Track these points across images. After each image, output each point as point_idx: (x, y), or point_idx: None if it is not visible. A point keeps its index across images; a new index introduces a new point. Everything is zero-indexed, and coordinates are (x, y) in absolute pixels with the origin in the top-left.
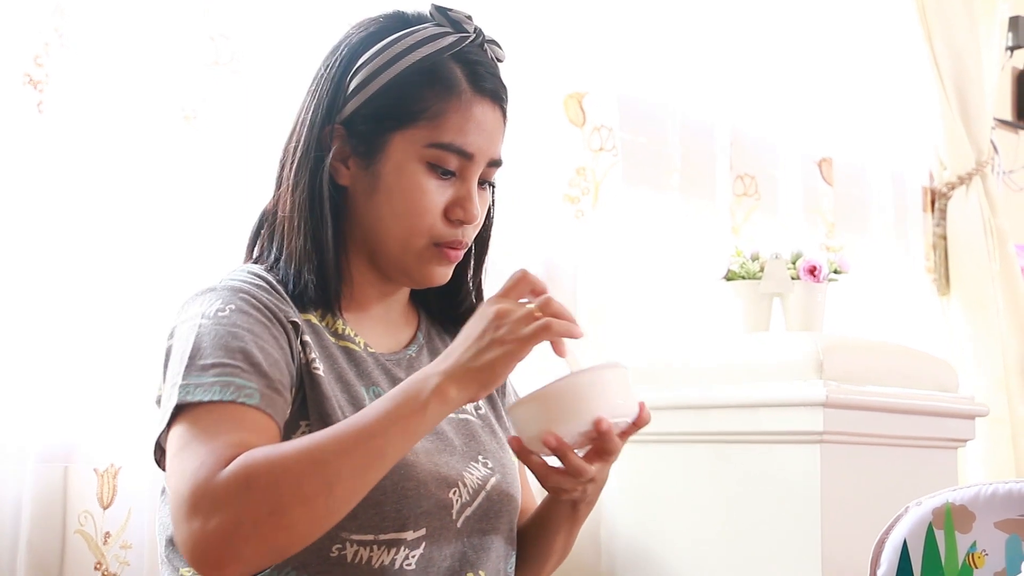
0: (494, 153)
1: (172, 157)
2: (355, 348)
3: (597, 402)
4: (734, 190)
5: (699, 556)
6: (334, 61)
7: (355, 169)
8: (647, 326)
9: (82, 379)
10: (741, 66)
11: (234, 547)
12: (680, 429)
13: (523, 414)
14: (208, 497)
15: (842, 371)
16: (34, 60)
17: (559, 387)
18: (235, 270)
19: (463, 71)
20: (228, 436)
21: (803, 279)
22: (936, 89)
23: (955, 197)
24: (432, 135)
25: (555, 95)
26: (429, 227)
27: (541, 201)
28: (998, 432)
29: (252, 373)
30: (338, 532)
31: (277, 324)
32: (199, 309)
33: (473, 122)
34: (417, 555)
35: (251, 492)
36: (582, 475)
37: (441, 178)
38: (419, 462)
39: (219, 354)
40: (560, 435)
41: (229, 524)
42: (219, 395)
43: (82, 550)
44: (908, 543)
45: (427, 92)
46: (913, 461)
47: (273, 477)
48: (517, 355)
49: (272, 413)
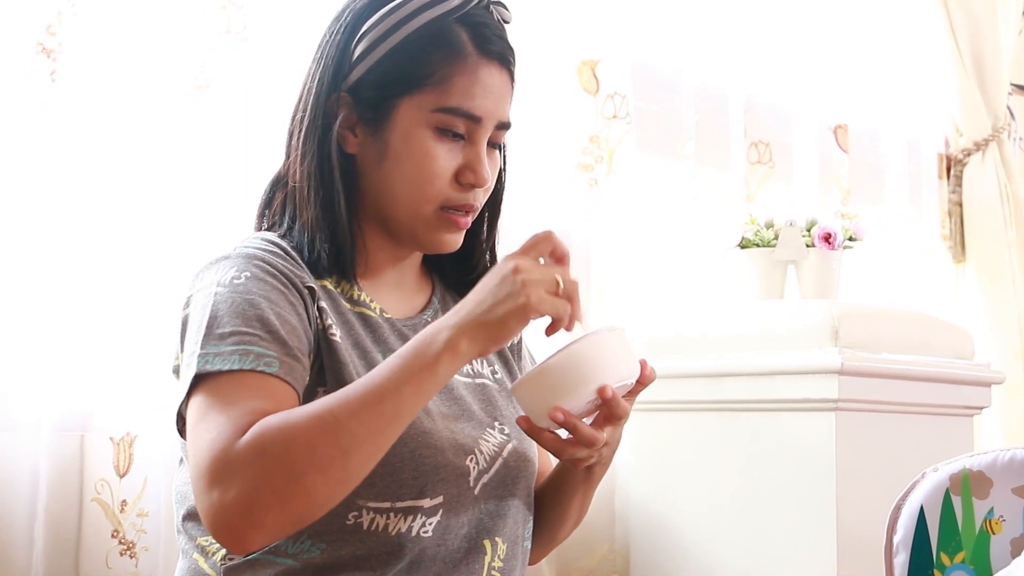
0: (502, 115)
1: (185, 126)
2: (371, 314)
3: (599, 370)
4: (748, 158)
5: (714, 524)
6: (338, 28)
7: (363, 136)
8: (661, 294)
9: (98, 348)
10: (755, 32)
11: (255, 516)
12: (695, 397)
13: (527, 393)
14: (226, 467)
15: (857, 339)
16: (47, 29)
17: (558, 361)
18: (248, 238)
19: (468, 34)
20: (246, 404)
21: (818, 246)
22: (952, 54)
23: (971, 163)
24: (439, 99)
25: (568, 62)
26: (439, 192)
27: (555, 169)
28: (1014, 399)
29: (270, 341)
30: (354, 499)
31: (293, 290)
32: (214, 277)
33: (480, 85)
34: (434, 522)
35: (266, 460)
36: (595, 444)
37: (450, 142)
38: (436, 429)
39: (236, 322)
40: (567, 409)
41: (248, 493)
42: (238, 364)
43: (99, 518)
44: (925, 509)
45: (433, 56)
46: (928, 429)
47: (285, 444)
48: (530, 314)
49: (292, 380)
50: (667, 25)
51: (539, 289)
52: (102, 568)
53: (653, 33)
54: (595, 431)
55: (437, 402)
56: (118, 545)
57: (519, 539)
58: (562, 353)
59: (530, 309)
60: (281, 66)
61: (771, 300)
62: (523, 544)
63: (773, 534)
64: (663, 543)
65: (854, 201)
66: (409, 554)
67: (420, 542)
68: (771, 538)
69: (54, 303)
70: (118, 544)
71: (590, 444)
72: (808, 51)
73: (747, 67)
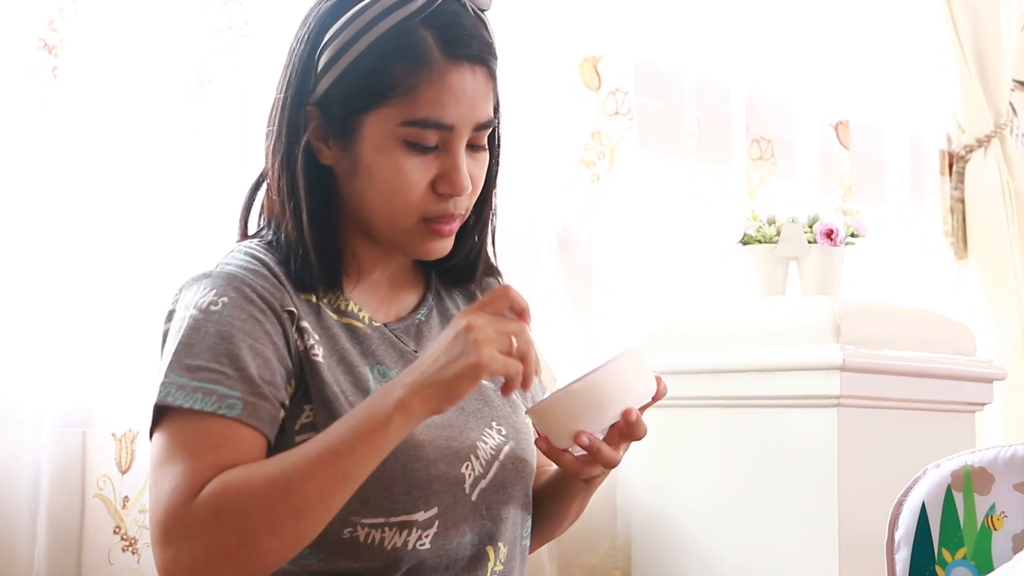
0: (478, 117)
1: (186, 123)
2: (358, 325)
3: (623, 393)
4: (750, 154)
5: (715, 520)
6: (303, 36)
7: (336, 150)
8: (663, 290)
9: (100, 344)
10: (757, 28)
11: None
12: (697, 393)
13: (551, 415)
14: (180, 526)
15: (859, 335)
16: (49, 25)
17: (585, 386)
18: (233, 251)
19: (435, 37)
20: (204, 457)
21: (820, 243)
22: (954, 50)
23: (973, 160)
24: (406, 112)
25: (570, 59)
26: (415, 204)
27: (556, 166)
28: (1016, 396)
29: (237, 379)
30: (348, 516)
31: (271, 315)
32: (192, 298)
33: (449, 92)
34: (431, 534)
35: (220, 523)
36: (614, 464)
37: (422, 154)
38: (428, 441)
39: (206, 356)
40: (591, 431)
41: (201, 554)
42: (200, 404)
43: (101, 514)
44: (927, 505)
45: (396, 67)
46: (930, 425)
47: (243, 507)
48: (480, 373)
49: (256, 423)
50: (669, 21)
51: (491, 348)
52: (104, 564)
53: (655, 29)
54: (615, 452)
55: None
56: (120, 541)
57: (518, 539)
58: (588, 379)
59: (481, 368)
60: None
61: (773, 296)
62: (522, 544)
63: (775, 530)
64: (665, 539)
65: (855, 198)
66: (406, 566)
67: (417, 555)
68: (773, 534)
69: (56, 299)
70: (120, 540)
71: (610, 465)
72: (810, 47)
73: (749, 63)
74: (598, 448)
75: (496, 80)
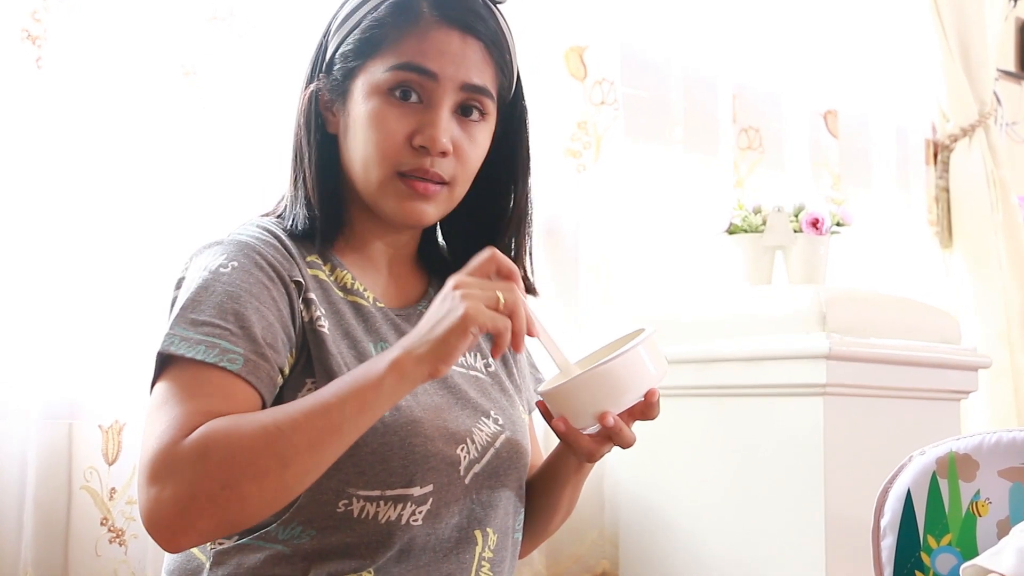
0: (464, 77)
1: (172, 113)
2: (363, 303)
3: (648, 374)
4: (738, 143)
5: (702, 508)
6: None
7: (337, 115)
8: (649, 280)
9: (86, 336)
10: (744, 18)
11: (188, 518)
12: (683, 383)
13: (575, 397)
14: (167, 466)
15: (845, 323)
16: (32, 16)
17: (615, 366)
18: (246, 223)
19: (429, 2)
20: (199, 402)
21: (806, 232)
22: (939, 40)
23: (958, 149)
24: (391, 60)
25: (556, 48)
26: (390, 155)
27: (542, 155)
28: (1000, 384)
29: (241, 337)
30: (344, 487)
31: (279, 283)
32: (203, 262)
33: (432, 44)
34: (424, 511)
35: (206, 464)
36: (632, 443)
37: (404, 105)
38: (426, 418)
39: (212, 312)
40: (616, 413)
41: (184, 495)
42: (202, 355)
43: (88, 506)
44: (912, 492)
45: (388, 25)
46: (916, 413)
47: (230, 451)
48: (468, 326)
49: (254, 380)
50: (655, 11)
51: (477, 303)
52: (91, 556)
53: (641, 19)
54: (632, 432)
55: (430, 391)
56: (107, 533)
57: (510, 531)
58: (617, 360)
59: (468, 320)
60: (268, 53)
61: (759, 285)
62: (514, 536)
63: (761, 518)
64: (652, 528)
65: (844, 186)
66: (399, 542)
67: (410, 531)
68: (759, 522)
69: (42, 291)
70: (107, 532)
71: (627, 445)
72: (797, 37)
73: (736, 53)
74: (620, 429)
75: (500, 64)
